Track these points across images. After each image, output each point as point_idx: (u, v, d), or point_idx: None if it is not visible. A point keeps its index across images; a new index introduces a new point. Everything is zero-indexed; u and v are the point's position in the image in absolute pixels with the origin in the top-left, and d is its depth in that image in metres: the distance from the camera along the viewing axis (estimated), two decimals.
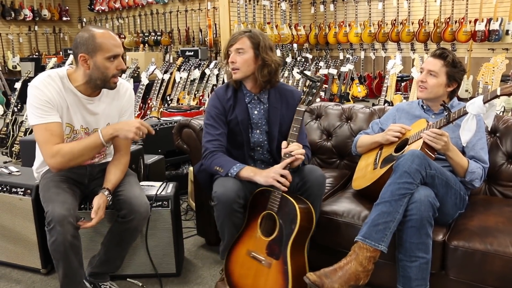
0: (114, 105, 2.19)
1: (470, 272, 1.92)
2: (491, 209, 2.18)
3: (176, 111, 4.55)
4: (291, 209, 2.01)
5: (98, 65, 1.99)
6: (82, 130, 2.12)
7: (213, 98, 2.31)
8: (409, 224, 1.92)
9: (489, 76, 4.43)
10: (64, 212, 1.89)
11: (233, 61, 2.18)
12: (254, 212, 2.15)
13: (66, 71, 2.08)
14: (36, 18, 11.19)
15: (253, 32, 2.22)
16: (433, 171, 1.98)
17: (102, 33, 1.98)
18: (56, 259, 1.94)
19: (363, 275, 1.89)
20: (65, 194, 2.01)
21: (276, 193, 2.04)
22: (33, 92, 1.99)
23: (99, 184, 2.17)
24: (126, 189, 2.14)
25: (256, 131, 2.30)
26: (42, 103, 1.98)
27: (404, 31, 7.98)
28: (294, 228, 1.99)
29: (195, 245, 2.84)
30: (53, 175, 2.13)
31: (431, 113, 2.35)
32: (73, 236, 1.89)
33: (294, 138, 2.05)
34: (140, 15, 10.83)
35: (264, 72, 2.21)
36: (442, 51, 2.25)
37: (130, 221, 2.08)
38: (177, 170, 3.68)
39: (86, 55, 1.97)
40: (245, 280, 2.13)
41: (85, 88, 2.07)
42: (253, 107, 2.29)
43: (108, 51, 1.97)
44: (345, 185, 2.66)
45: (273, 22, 8.67)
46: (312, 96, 2.07)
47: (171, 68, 6.37)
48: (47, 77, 2.02)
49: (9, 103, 5.64)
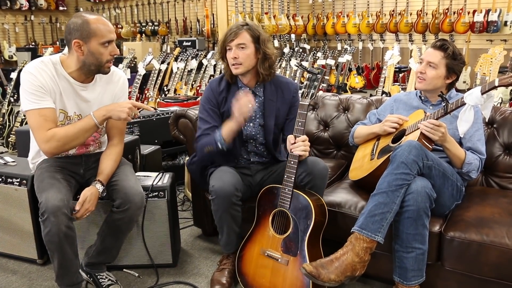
0: (108, 92, 2.18)
1: (466, 263, 1.92)
2: (487, 200, 2.18)
3: (173, 102, 4.53)
4: (304, 204, 2.01)
5: (92, 50, 1.97)
6: (76, 117, 2.11)
7: (207, 90, 2.30)
8: (406, 215, 1.92)
9: (487, 67, 4.42)
10: (57, 203, 1.88)
11: (236, 57, 2.16)
12: (263, 210, 2.15)
13: (59, 57, 2.07)
14: (32, 8, 11.08)
15: (251, 25, 2.20)
16: (430, 162, 1.98)
17: (95, 19, 1.97)
18: (50, 250, 1.93)
19: (359, 266, 1.89)
20: (59, 185, 2.00)
21: (287, 189, 2.03)
22: (26, 78, 1.98)
23: (94, 174, 2.16)
24: (121, 179, 2.13)
25: (250, 124, 2.29)
26: (35, 88, 1.96)
27: (403, 22, 7.95)
28: (310, 224, 1.99)
29: (191, 236, 2.84)
30: (48, 165, 2.12)
31: (429, 104, 2.34)
32: (67, 227, 1.89)
33: (300, 133, 2.03)
34: (137, 4, 10.74)
35: (265, 65, 2.20)
36: (443, 43, 2.23)
37: (125, 211, 2.07)
38: (174, 160, 3.67)
39: (80, 41, 1.96)
40: (261, 279, 2.12)
41: (79, 74, 2.06)
42: None
43: (102, 36, 1.96)
44: (342, 175, 2.65)
45: (271, 12, 8.62)
46: (314, 89, 2.03)
47: (168, 58, 6.33)
48: (40, 62, 2.01)
49: (5, 93, 5.60)
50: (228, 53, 2.19)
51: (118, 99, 2.22)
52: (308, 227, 2.00)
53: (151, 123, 3.49)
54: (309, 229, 1.99)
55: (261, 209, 2.17)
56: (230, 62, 2.19)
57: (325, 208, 2.09)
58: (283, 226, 2.09)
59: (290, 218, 2.05)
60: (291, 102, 2.29)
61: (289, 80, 2.37)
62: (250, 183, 2.29)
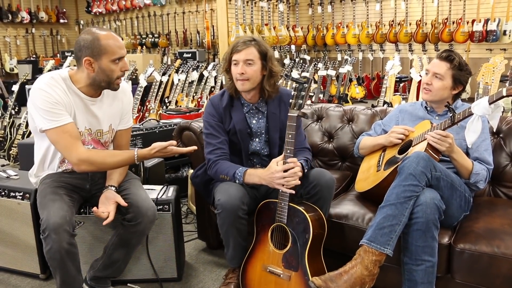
0: (115, 106, 2.17)
1: (477, 275, 1.89)
2: (496, 210, 2.15)
3: (175, 113, 4.52)
4: (301, 218, 1.98)
5: (103, 68, 1.96)
6: (86, 132, 2.10)
7: (209, 106, 2.28)
8: (415, 227, 1.89)
9: (489, 76, 4.41)
10: (59, 220, 1.85)
11: (243, 72, 2.14)
12: (262, 225, 2.13)
13: (67, 72, 2.05)
14: (33, 21, 11.15)
15: (258, 40, 2.18)
16: (438, 173, 1.96)
17: (105, 35, 1.95)
18: (52, 267, 1.90)
19: (368, 279, 1.87)
20: (61, 201, 1.97)
21: (283, 204, 2.01)
22: (39, 95, 1.93)
23: (100, 188, 2.15)
24: (132, 193, 2.13)
25: (256, 139, 2.28)
26: (52, 106, 1.93)
27: (402, 32, 7.98)
28: (309, 238, 1.96)
29: (196, 249, 2.81)
30: (51, 180, 2.09)
31: (435, 114, 2.33)
32: (69, 244, 1.86)
33: (291, 146, 1.97)
34: (137, 17, 10.79)
35: (271, 82, 2.19)
36: (449, 54, 2.23)
37: (137, 225, 2.06)
38: (177, 173, 3.65)
39: (91, 58, 1.94)
40: None
41: (88, 90, 2.05)
42: (251, 117, 2.27)
43: (113, 53, 1.95)
44: (347, 187, 2.63)
45: (271, 24, 8.66)
46: (301, 99, 1.97)
47: (169, 70, 6.34)
48: (50, 78, 1.98)
49: (6, 106, 5.60)
50: (234, 67, 2.17)
51: (127, 112, 2.24)
52: (307, 241, 1.97)
53: (154, 135, 3.47)
54: (308, 242, 1.97)
55: (259, 224, 2.14)
56: (236, 77, 2.17)
57: (323, 220, 2.06)
58: (282, 240, 2.06)
59: (288, 233, 2.03)
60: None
61: (289, 91, 2.34)
62: (255, 195, 2.27)
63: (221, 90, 2.33)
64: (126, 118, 2.25)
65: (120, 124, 2.23)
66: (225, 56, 2.22)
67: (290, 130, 1.98)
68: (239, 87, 2.18)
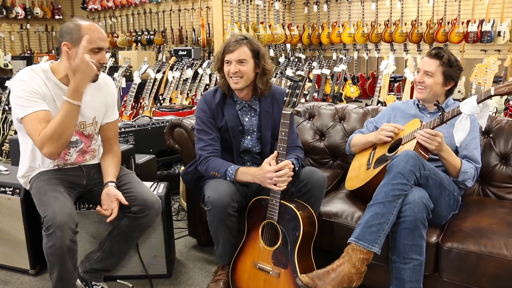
0: (98, 98, 2.16)
1: (464, 274, 1.90)
2: (484, 210, 2.16)
3: (168, 111, 4.51)
4: (292, 216, 1.99)
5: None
6: None
7: (201, 102, 2.28)
8: (403, 225, 1.90)
9: (482, 77, 4.43)
10: (65, 217, 1.85)
11: (236, 71, 2.15)
12: (253, 222, 2.13)
13: (48, 65, 2.05)
14: (28, 16, 11.09)
15: (250, 39, 2.19)
16: (427, 172, 1.97)
17: (88, 24, 1.95)
18: (51, 263, 1.90)
19: (356, 277, 1.87)
20: (64, 199, 1.97)
21: (274, 201, 2.01)
22: (18, 85, 1.93)
23: (97, 183, 2.16)
24: (135, 186, 2.14)
25: (247, 137, 2.28)
26: (28, 94, 1.91)
27: (397, 31, 8.00)
28: (299, 235, 1.97)
29: (186, 246, 2.81)
30: (47, 178, 2.08)
31: (426, 112, 2.34)
32: (71, 241, 1.86)
33: (284, 143, 2.00)
34: (133, 14, 10.76)
35: (263, 80, 2.21)
36: (438, 51, 2.24)
37: (143, 217, 2.08)
38: (169, 170, 3.65)
39: (69, 43, 1.93)
40: None
41: (69, 80, 2.02)
42: (244, 114, 2.27)
43: (92, 42, 1.93)
44: (338, 185, 2.64)
45: (266, 22, 8.65)
46: (296, 97, 2.00)
47: (164, 67, 6.33)
48: (30, 70, 1.99)
49: None
50: (226, 66, 2.18)
51: (112, 103, 2.23)
52: (297, 238, 1.98)
53: (146, 132, 3.47)
54: (298, 240, 1.97)
55: (250, 221, 2.15)
56: (229, 75, 2.17)
57: (314, 218, 2.07)
58: (272, 237, 2.07)
59: (279, 230, 2.03)
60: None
61: (282, 89, 2.35)
62: (245, 192, 2.27)
63: (214, 87, 2.33)
64: (111, 111, 2.23)
65: (105, 117, 2.22)
66: (218, 56, 2.22)
67: (284, 127, 2.00)
68: (232, 85, 2.19)
